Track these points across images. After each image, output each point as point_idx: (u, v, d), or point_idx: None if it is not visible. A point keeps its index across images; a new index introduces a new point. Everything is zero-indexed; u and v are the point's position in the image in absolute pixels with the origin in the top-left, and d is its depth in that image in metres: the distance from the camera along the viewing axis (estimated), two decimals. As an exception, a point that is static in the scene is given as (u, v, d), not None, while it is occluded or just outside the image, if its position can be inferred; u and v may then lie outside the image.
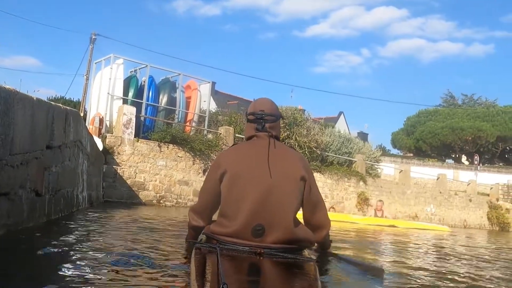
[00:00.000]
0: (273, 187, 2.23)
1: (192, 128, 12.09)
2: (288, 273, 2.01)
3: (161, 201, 10.28)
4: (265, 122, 2.41)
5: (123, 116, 9.95)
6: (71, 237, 2.99)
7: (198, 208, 2.50)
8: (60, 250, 2.41)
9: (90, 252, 2.46)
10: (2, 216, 2.25)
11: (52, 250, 2.36)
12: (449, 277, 2.99)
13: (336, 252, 2.93)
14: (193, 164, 11.00)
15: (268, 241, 2.18)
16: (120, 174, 9.64)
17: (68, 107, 4.02)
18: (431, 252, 5.25)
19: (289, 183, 2.28)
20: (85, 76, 23.69)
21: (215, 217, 2.46)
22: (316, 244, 2.68)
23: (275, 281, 1.95)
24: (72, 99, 27.49)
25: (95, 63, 12.66)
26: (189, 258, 2.39)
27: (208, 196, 2.43)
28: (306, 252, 2.39)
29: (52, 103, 3.25)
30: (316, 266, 2.02)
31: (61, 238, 2.83)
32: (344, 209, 14.14)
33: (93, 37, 23.65)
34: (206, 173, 2.50)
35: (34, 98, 2.62)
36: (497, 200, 21.19)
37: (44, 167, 3.09)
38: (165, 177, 10.47)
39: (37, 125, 2.79)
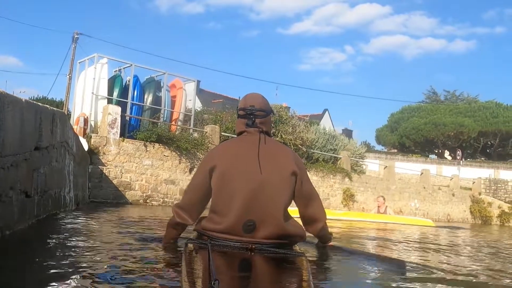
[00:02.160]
0: (264, 182, 2.24)
1: (178, 127, 12.07)
2: (279, 268, 2.04)
3: (147, 201, 10.26)
4: (255, 117, 2.40)
5: (108, 116, 9.90)
6: (60, 238, 3.00)
7: (184, 205, 2.42)
8: (49, 251, 2.43)
9: (79, 254, 2.47)
10: (-6, 217, 2.26)
11: (42, 251, 2.37)
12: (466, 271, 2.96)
13: (340, 245, 2.95)
14: (180, 163, 10.99)
15: (259, 237, 2.20)
16: (106, 174, 9.59)
17: (55, 108, 4.01)
18: (431, 246, 5.24)
19: (279, 178, 2.28)
20: (68, 76, 23.42)
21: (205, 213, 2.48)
22: (313, 240, 2.69)
23: (266, 276, 1.97)
24: (54, 99, 27.11)
25: (79, 62, 12.54)
26: (173, 253, 2.42)
27: (196, 192, 2.40)
28: (297, 247, 2.41)
29: (40, 104, 3.26)
30: (307, 260, 2.04)
31: (51, 239, 2.84)
32: (330, 206, 14.27)
33: (76, 36, 23.37)
34: (195, 169, 2.49)
35: (23, 100, 2.63)
36: (480, 194, 21.57)
37: (33, 168, 3.10)
38: (151, 177, 10.45)
39: (26, 127, 2.79)
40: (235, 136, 2.54)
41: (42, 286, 1.74)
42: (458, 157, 31.30)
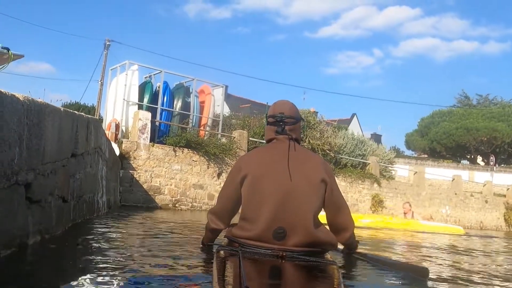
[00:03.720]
0: (293, 190, 2.26)
1: (206, 132, 12.20)
2: (310, 277, 2.03)
3: (176, 205, 10.40)
4: (284, 124, 2.43)
5: (138, 121, 10.11)
6: (94, 241, 3.09)
7: (217, 211, 2.54)
8: (84, 253, 2.50)
9: (113, 256, 2.53)
10: (35, 223, 2.36)
11: (78, 253, 2.45)
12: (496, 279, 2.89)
13: (366, 252, 2.93)
14: (208, 168, 11.11)
15: (290, 244, 2.22)
16: (137, 178, 9.78)
17: (89, 116, 4.14)
18: (465, 253, 5.11)
19: (309, 186, 2.29)
20: (99, 82, 24.02)
21: (235, 220, 2.52)
22: (339, 246, 2.70)
23: (297, 284, 1.96)
24: (86, 104, 27.85)
25: (111, 69, 12.85)
26: (205, 259, 2.46)
27: (228, 200, 2.47)
28: (328, 255, 2.40)
29: (76, 112, 3.38)
30: (339, 269, 2.03)
31: (88, 243, 2.94)
32: (358, 212, 14.10)
33: (107, 43, 23.98)
34: (227, 176, 2.54)
35: (62, 110, 2.74)
36: (514, 201, 20.92)
37: (69, 174, 3.21)
38: (180, 181, 10.59)
39: (64, 135, 2.91)
40: (263, 141, 2.58)
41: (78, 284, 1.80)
42: (491, 163, 30.45)
